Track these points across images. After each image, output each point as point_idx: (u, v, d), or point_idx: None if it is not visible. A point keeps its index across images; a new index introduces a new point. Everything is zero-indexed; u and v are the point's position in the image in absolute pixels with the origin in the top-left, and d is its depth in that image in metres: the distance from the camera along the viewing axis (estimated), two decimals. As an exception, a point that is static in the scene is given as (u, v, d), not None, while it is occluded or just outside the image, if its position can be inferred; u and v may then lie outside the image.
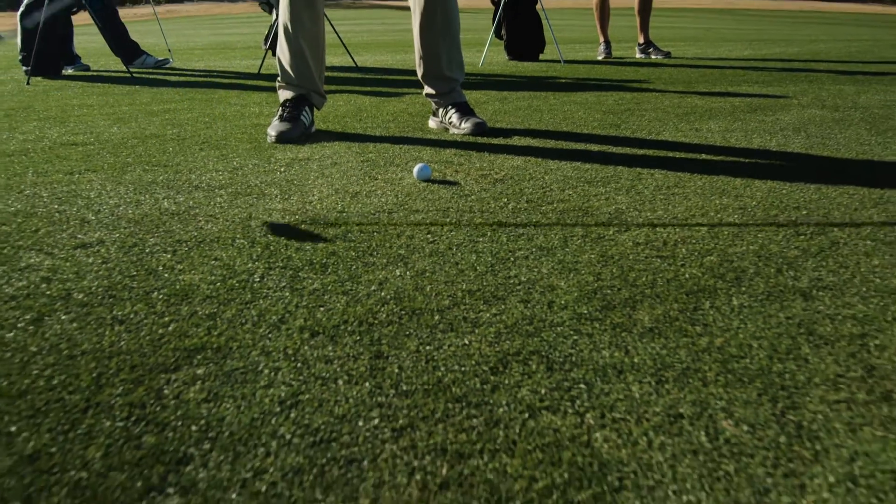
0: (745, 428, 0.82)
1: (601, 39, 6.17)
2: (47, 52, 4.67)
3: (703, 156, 2.23)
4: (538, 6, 5.58)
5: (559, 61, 5.46)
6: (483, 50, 5.72)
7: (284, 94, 2.62)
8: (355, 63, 5.28)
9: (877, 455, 0.77)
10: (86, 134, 2.69)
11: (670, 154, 2.27)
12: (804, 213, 1.63)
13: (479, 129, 2.61)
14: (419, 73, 2.69)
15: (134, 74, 4.86)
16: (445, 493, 0.71)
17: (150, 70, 5.29)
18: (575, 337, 1.04)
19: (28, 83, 4.42)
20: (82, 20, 5.27)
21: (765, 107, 3.18)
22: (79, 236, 1.50)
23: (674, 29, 12.38)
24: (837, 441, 0.79)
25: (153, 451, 0.78)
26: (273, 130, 2.51)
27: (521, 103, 3.36)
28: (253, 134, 2.66)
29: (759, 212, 1.64)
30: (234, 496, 0.71)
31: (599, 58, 5.99)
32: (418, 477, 0.74)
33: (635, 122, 2.82)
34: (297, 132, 2.51)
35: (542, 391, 0.90)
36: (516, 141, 2.48)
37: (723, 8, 30.35)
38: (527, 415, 0.85)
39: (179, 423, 0.83)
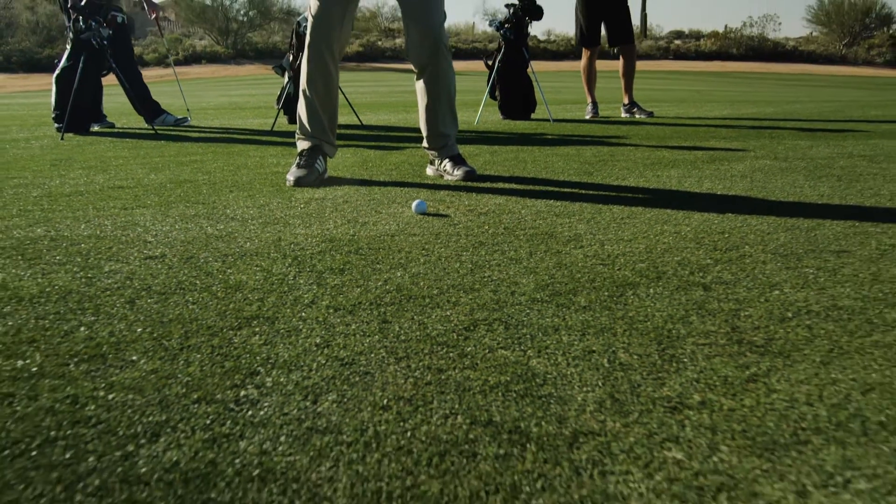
0: (635, 357, 1.22)
1: (588, 100, 6.71)
2: (79, 111, 5.17)
3: (658, 196, 2.66)
4: (529, 70, 6.12)
5: (549, 120, 5.96)
6: (478, 109, 6.24)
7: (301, 145, 3.07)
8: (360, 121, 5.78)
9: (719, 369, 1.16)
10: (128, 180, 3.14)
11: (630, 195, 2.70)
12: (726, 236, 2.04)
13: (470, 175, 3.05)
14: (423, 129, 3.14)
15: (158, 131, 5.35)
16: (429, 387, 1.10)
17: (171, 127, 5.78)
18: (528, 311, 1.44)
19: (62, 138, 4.90)
20: (108, 81, 5.79)
21: (723, 158, 3.63)
22: (145, 251, 1.91)
23: (664, 91, 13.04)
24: (695, 363, 1.19)
25: (232, 369, 1.17)
26: (292, 176, 2.95)
27: (509, 155, 3.82)
28: (273, 179, 3.10)
29: (690, 235, 2.05)
30: (289, 388, 1.10)
31: (587, 117, 6.50)
32: (412, 380, 1.13)
33: (606, 171, 3.26)
34: (313, 177, 2.95)
35: (499, 339, 1.30)
36: (500, 185, 2.92)
37: (717, 71, 31.34)
38: (486, 351, 1.25)
39: (248, 355, 1.23)
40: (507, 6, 6.06)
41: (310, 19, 2.96)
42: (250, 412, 1.03)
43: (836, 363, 1.19)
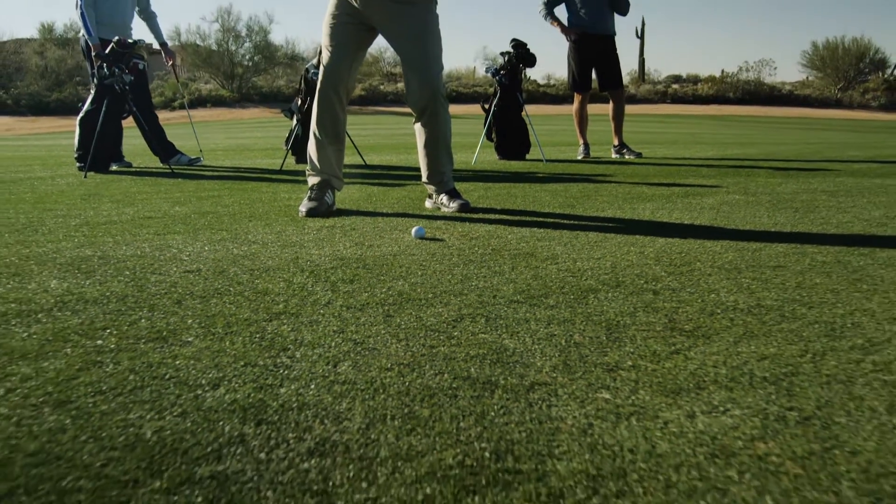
0: (587, 338, 1.54)
1: (580, 141, 7.11)
2: (101, 151, 5.56)
3: (630, 225, 3.01)
4: (523, 113, 6.53)
5: (542, 160, 6.35)
6: (476, 150, 6.64)
7: (312, 180, 3.43)
8: (364, 161, 6.17)
9: (651, 346, 1.49)
10: (154, 211, 3.49)
11: (606, 224, 3.04)
12: (682, 255, 2.38)
13: (464, 207, 3.40)
14: (422, 168, 3.50)
15: (174, 170, 5.73)
16: (423, 357, 1.43)
17: (185, 167, 6.17)
18: (505, 309, 1.77)
19: (85, 176, 5.28)
20: (126, 122, 6.19)
21: (696, 193, 3.99)
22: (182, 267, 2.25)
23: (658, 133, 13.51)
24: (633, 343, 1.52)
25: (268, 346, 1.50)
26: (303, 207, 3.30)
27: (501, 191, 4.18)
28: (287, 211, 3.46)
29: (652, 255, 2.39)
30: (314, 358, 1.43)
31: (579, 157, 6.90)
32: (410, 353, 1.46)
33: (588, 204, 3.62)
34: (323, 208, 3.30)
35: (480, 327, 1.63)
36: (491, 216, 3.27)
37: (714, 114, 32.01)
38: (469, 335, 1.57)
39: (279, 338, 1.56)
40: (503, 54, 6.51)
41: (321, 69, 3.35)
42: (286, 372, 1.35)
43: (744, 342, 1.52)
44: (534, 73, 41.31)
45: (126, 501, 0.90)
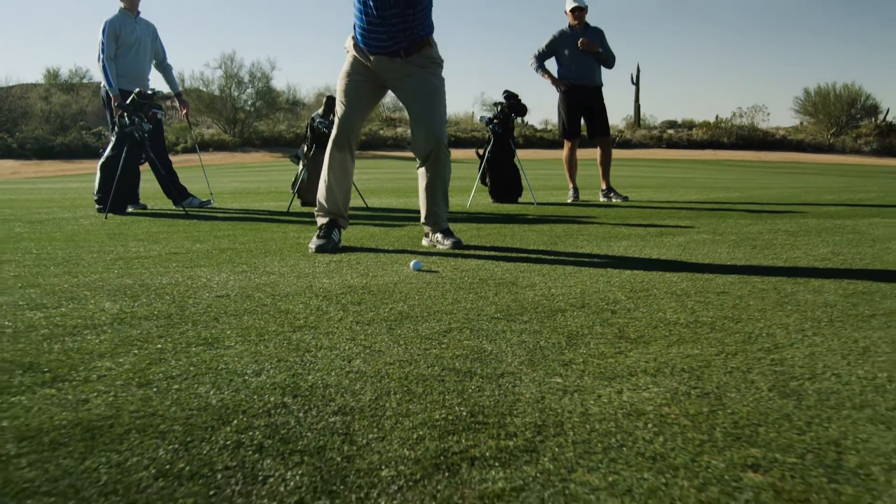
0: (551, 343, 1.94)
1: (570, 186, 7.57)
2: (120, 194, 6.00)
3: (604, 259, 3.42)
4: (515, 159, 7.00)
5: (533, 203, 6.79)
6: (471, 193, 7.08)
7: (320, 220, 3.84)
8: (366, 204, 6.60)
9: (601, 349, 1.88)
10: (178, 248, 3.90)
11: (582, 259, 3.45)
12: (643, 283, 2.79)
13: (457, 245, 3.82)
14: (421, 209, 3.93)
15: (188, 212, 6.16)
16: (418, 356, 1.82)
17: (197, 209, 6.60)
18: (486, 323, 2.17)
19: (106, 217, 5.70)
20: (140, 167, 6.63)
21: (669, 233, 4.41)
22: (213, 293, 2.65)
23: (649, 178, 14.02)
24: (587, 347, 1.91)
25: (295, 349, 1.89)
26: (313, 245, 3.71)
27: (492, 231, 4.60)
28: (298, 247, 3.87)
29: (617, 283, 2.79)
30: (332, 356, 1.82)
31: (568, 201, 7.34)
32: (408, 354, 1.85)
33: (570, 242, 4.04)
34: (330, 246, 3.71)
35: (465, 336, 2.02)
36: (481, 252, 3.68)
37: (709, 159, 32.70)
38: (456, 341, 1.97)
39: (302, 342, 1.95)
40: (496, 104, 7.00)
41: (336, 120, 3.79)
42: (311, 365, 1.75)
43: (675, 346, 1.91)
44: (531, 119, 42.23)
45: (209, 437, 1.29)
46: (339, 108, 3.79)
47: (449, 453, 1.23)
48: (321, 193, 3.86)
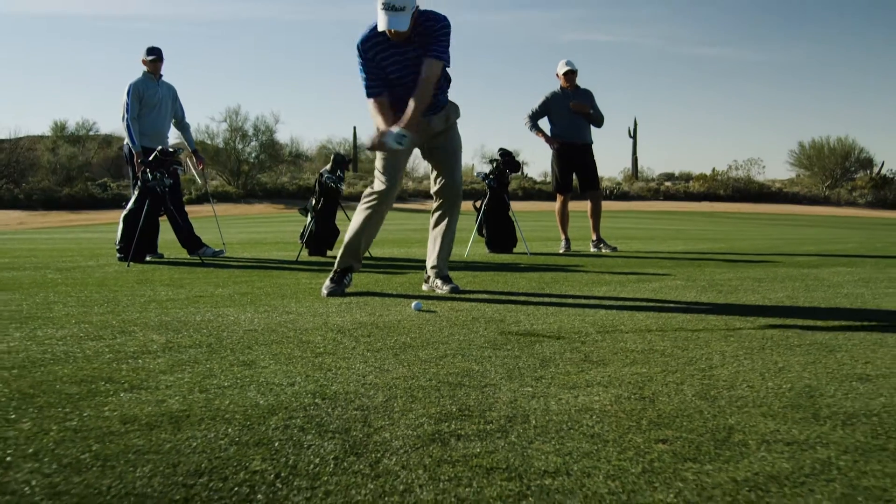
0: (527, 366, 2.39)
1: (562, 237, 8.07)
2: (141, 244, 6.49)
3: (582, 302, 3.88)
4: (510, 212, 7.51)
5: (526, 253, 7.28)
6: (468, 244, 7.58)
7: (343, 264, 4.27)
8: (370, 254, 7.09)
9: (568, 369, 2.34)
10: (202, 292, 4.37)
11: (565, 301, 3.92)
12: (612, 320, 3.24)
13: (454, 290, 4.28)
14: (430, 252, 4.41)
15: (204, 261, 6.65)
16: (419, 373, 2.28)
17: (211, 258, 7.08)
18: (476, 351, 2.63)
19: (128, 265, 6.18)
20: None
21: (647, 280, 4.89)
22: (243, 328, 3.11)
23: (642, 229, 14.56)
24: (556, 367, 2.36)
25: (319, 368, 2.35)
26: (325, 289, 4.18)
27: (487, 278, 5.08)
28: (310, 291, 4.33)
29: (590, 320, 3.25)
30: (349, 373, 2.27)
31: (560, 251, 7.83)
32: (410, 372, 2.30)
33: (556, 287, 4.51)
34: (341, 290, 4.18)
35: (458, 360, 2.48)
36: (475, 296, 4.15)
37: (706, 211, 33.32)
38: (450, 364, 2.42)
39: (324, 364, 2.40)
40: (491, 161, 7.56)
41: (385, 182, 4.18)
42: (332, 380, 2.20)
43: (629, 367, 2.37)
44: (531, 171, 43.14)
45: (263, 422, 1.74)
46: (385, 178, 4.23)
47: (441, 433, 1.68)
48: (350, 242, 4.28)
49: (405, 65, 4.04)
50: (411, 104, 3.95)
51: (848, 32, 60.32)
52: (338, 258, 4.33)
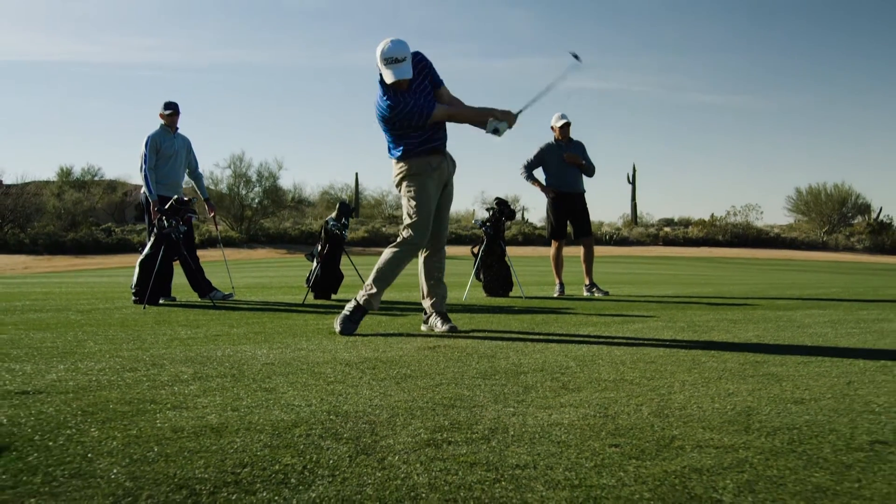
0: (510, 390, 2.77)
1: (557, 281, 8.47)
2: (156, 288, 6.90)
3: (567, 340, 4.26)
4: (506, 257, 7.93)
5: (522, 297, 7.68)
6: (466, 288, 7.98)
7: (362, 303, 4.64)
8: (372, 296, 7.48)
9: (544, 393, 2.72)
10: (219, 332, 4.76)
11: (551, 339, 4.30)
12: (591, 355, 3.63)
13: (452, 329, 4.67)
14: (423, 296, 4.80)
15: (215, 303, 7.04)
16: (417, 396, 2.66)
17: (221, 301, 7.48)
18: (468, 381, 3.01)
19: (144, 308, 6.57)
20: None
21: (631, 321, 5.27)
22: (261, 361, 3.49)
23: (639, 274, 14.96)
24: (536, 392, 2.74)
25: (331, 393, 2.73)
26: (339, 325, 4.55)
27: (483, 319, 5.46)
28: (318, 331, 4.72)
29: (572, 355, 3.64)
30: (363, 392, 2.66)
31: (555, 295, 8.22)
32: (410, 396, 2.69)
33: (545, 327, 4.89)
34: (352, 329, 4.56)
35: (451, 388, 2.86)
36: (471, 335, 4.53)
37: (704, 256, 33.77)
38: (445, 390, 2.81)
39: (336, 390, 2.79)
40: (488, 209, 8.01)
41: (419, 229, 4.60)
42: (344, 401, 2.58)
43: (598, 393, 2.74)
44: (531, 217, 43.75)
45: (288, 432, 2.13)
46: (426, 220, 4.63)
47: (435, 440, 2.06)
48: (380, 286, 4.66)
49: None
50: (464, 109, 4.63)
51: (844, 80, 61.68)
52: (366, 297, 4.62)
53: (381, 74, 4.46)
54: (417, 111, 4.46)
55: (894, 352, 3.76)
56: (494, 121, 4.53)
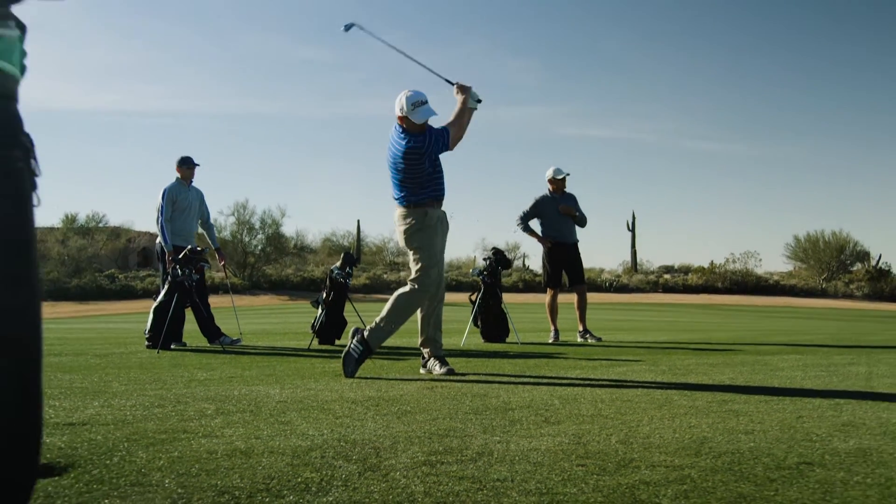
0: (499, 424, 3.16)
1: (552, 328, 8.85)
2: (169, 333, 7.29)
3: (554, 381, 4.64)
4: (503, 305, 8.33)
5: (518, 342, 8.06)
6: (464, 334, 8.36)
7: (368, 343, 5.02)
8: (374, 342, 7.86)
9: (528, 427, 3.10)
10: (233, 374, 5.14)
11: (540, 380, 4.68)
12: (575, 395, 4.01)
13: (449, 372, 5.05)
14: (420, 341, 5.20)
15: (225, 348, 7.43)
16: (416, 429, 3.04)
17: (230, 346, 7.86)
18: (461, 416, 3.39)
19: (158, 353, 6.95)
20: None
21: (618, 364, 5.65)
22: (276, 399, 3.88)
23: (635, 321, 15.32)
24: (521, 425, 3.13)
25: (340, 425, 3.12)
26: (351, 370, 4.92)
27: (479, 363, 5.84)
28: (325, 373, 5.10)
29: (557, 395, 4.02)
30: (364, 429, 3.04)
31: (550, 341, 8.59)
32: (410, 429, 3.07)
33: (537, 370, 5.27)
34: (355, 371, 4.94)
35: (446, 421, 3.24)
36: (467, 377, 4.92)
37: (703, 303, 34.07)
38: (440, 423, 3.19)
39: (345, 423, 3.17)
40: (485, 259, 8.44)
41: (430, 275, 5.04)
42: (351, 431, 2.97)
43: (574, 426, 3.13)
44: (532, 264, 44.17)
45: (307, 454, 2.51)
46: (437, 267, 5.10)
47: (430, 461, 2.45)
48: (386, 333, 5.07)
49: None
50: (455, 115, 5.20)
51: (842, 129, 62.78)
52: (373, 336, 5.01)
53: (402, 121, 5.06)
54: (441, 136, 5.08)
55: (850, 392, 4.14)
56: (471, 100, 5.19)
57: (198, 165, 8.27)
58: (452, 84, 5.26)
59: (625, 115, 64.60)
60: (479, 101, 5.22)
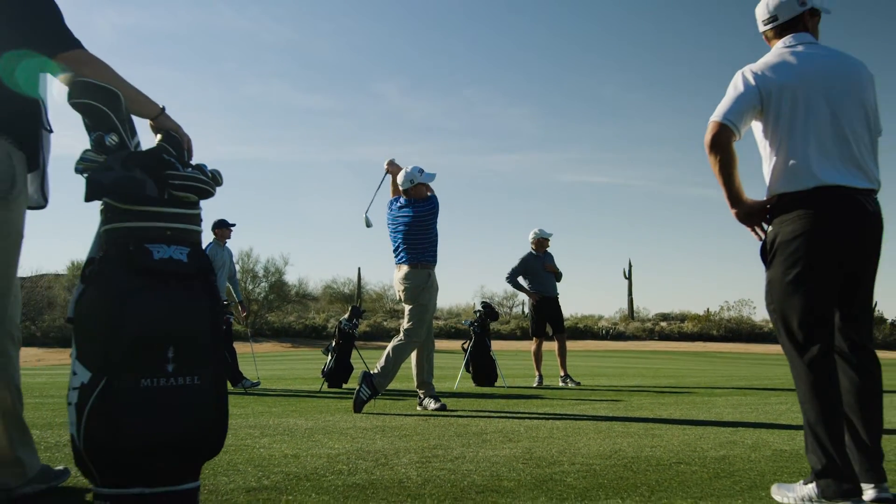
0: (490, 447, 4.31)
1: (536, 373, 9.98)
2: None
3: (534, 417, 5.78)
4: (491, 352, 9.48)
5: (504, 386, 9.18)
6: (457, 378, 9.49)
7: (381, 387, 6.17)
8: (377, 385, 8.98)
9: (515, 453, 4.26)
10: (263, 411, 6.28)
11: (520, 415, 5.82)
12: (538, 425, 5.15)
13: (442, 408, 6.19)
14: (416, 384, 6.34)
15: (248, 391, 8.56)
16: (415, 451, 4.20)
17: (250, 389, 8.98)
18: (456, 440, 4.54)
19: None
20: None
21: (584, 404, 6.79)
22: (303, 427, 5.02)
23: (618, 368, 16.40)
24: (501, 447, 4.28)
25: (354, 441, 4.27)
26: (359, 408, 6.06)
27: (469, 402, 6.98)
28: (338, 410, 6.24)
29: (524, 426, 5.16)
30: (375, 447, 4.20)
31: (534, 385, 9.71)
32: (412, 451, 4.23)
33: (514, 408, 6.41)
34: (362, 408, 6.08)
35: (436, 443, 4.40)
36: (457, 412, 6.06)
37: (698, 351, 34.96)
38: (435, 445, 4.34)
39: (357, 444, 4.33)
40: (475, 311, 9.62)
41: (422, 336, 6.23)
42: (363, 446, 4.12)
43: (531, 442, 4.28)
44: (527, 311, 45.16)
45: (336, 458, 3.67)
46: (429, 322, 6.26)
47: (423, 462, 3.61)
48: (389, 378, 6.21)
49: None
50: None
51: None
52: (380, 381, 6.15)
53: (413, 192, 6.30)
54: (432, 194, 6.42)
55: (756, 423, 5.28)
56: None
57: (234, 226, 9.48)
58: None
59: (621, 161, 66.35)
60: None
